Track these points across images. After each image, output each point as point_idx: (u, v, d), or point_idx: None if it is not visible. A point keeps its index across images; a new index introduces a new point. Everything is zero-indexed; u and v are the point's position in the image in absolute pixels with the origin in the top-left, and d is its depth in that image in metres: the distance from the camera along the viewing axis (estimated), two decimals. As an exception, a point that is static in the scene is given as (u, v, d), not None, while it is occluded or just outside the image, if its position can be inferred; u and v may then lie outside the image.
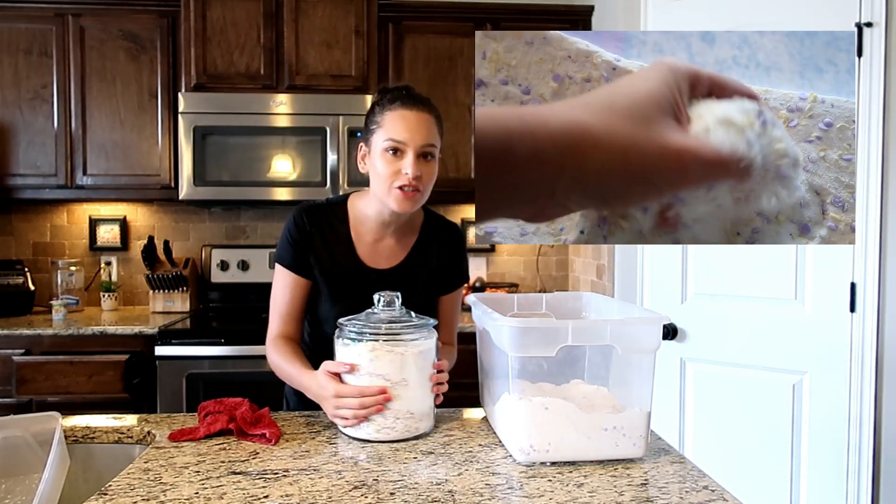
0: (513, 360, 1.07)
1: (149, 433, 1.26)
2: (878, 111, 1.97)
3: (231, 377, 2.57)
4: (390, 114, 1.35)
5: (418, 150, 1.33)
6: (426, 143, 1.34)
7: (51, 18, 2.87)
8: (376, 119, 1.37)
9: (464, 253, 1.57)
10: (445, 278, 1.52)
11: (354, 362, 1.19)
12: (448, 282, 1.53)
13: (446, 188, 2.98)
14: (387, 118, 1.35)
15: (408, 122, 1.33)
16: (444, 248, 1.52)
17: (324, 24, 2.88)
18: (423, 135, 1.33)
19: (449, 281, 1.53)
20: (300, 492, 0.96)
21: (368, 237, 1.46)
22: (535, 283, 3.41)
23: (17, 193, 2.90)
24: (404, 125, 1.33)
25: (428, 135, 1.34)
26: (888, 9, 1.96)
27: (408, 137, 1.32)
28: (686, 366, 2.31)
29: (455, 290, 1.55)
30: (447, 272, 1.52)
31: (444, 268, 1.51)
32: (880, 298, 1.99)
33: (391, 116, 1.34)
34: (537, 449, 1.06)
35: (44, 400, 2.52)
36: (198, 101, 2.80)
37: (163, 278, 3.01)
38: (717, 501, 0.94)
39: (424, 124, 1.34)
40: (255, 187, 2.84)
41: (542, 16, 3.04)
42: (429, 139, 1.34)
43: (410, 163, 1.32)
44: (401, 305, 1.25)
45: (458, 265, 1.55)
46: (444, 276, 1.52)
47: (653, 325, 1.10)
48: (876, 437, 2.01)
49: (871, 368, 2.00)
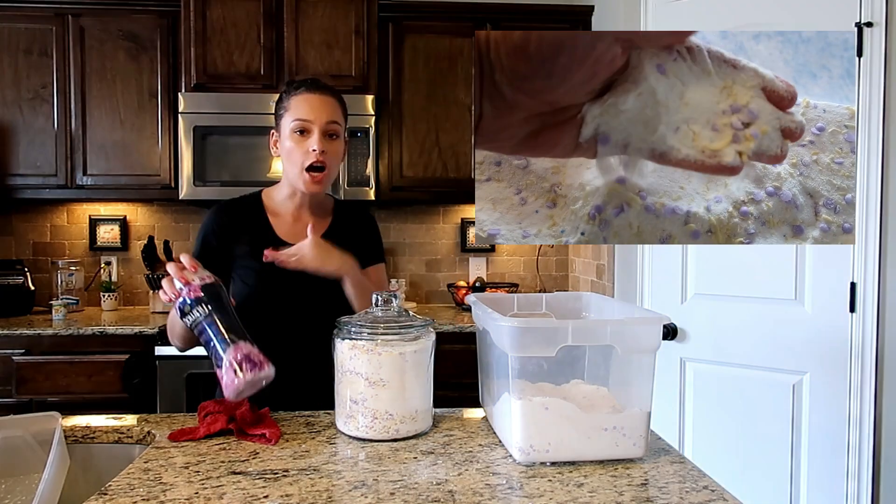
0: (513, 360, 1.07)
1: (149, 433, 1.26)
2: (878, 111, 1.97)
3: (231, 377, 2.56)
4: (296, 98, 1.47)
5: (323, 127, 1.45)
6: (330, 121, 1.46)
7: (51, 18, 2.87)
8: (284, 104, 1.50)
9: (377, 233, 1.68)
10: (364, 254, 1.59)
11: (337, 359, 1.21)
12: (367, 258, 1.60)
13: (446, 188, 3.00)
14: (293, 102, 1.47)
15: (311, 103, 1.45)
16: (359, 226, 1.63)
17: (324, 24, 2.88)
18: (328, 113, 1.46)
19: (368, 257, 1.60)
20: (300, 492, 0.96)
21: (287, 218, 1.56)
22: (535, 283, 3.41)
23: (17, 193, 2.90)
24: (308, 106, 1.45)
25: (332, 113, 1.47)
26: (888, 9, 1.96)
27: (313, 116, 1.44)
28: (686, 366, 2.31)
29: (371, 265, 1.62)
30: (363, 250, 1.59)
31: (359, 246, 1.58)
32: (880, 298, 1.99)
33: (297, 100, 1.47)
34: (537, 449, 1.06)
35: (44, 400, 2.52)
36: (198, 101, 2.80)
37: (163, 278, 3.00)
38: (717, 501, 0.94)
39: (328, 105, 1.47)
40: (254, 187, 2.81)
41: (542, 16, 3.04)
42: (332, 117, 1.46)
43: (316, 139, 1.44)
44: (399, 306, 1.25)
45: (372, 243, 1.65)
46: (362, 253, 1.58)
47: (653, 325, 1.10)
48: (876, 437, 2.01)
49: (870, 368, 2.00)
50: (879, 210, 1.98)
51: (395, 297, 1.25)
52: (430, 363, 1.23)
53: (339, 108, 1.50)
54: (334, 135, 1.47)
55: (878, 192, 1.98)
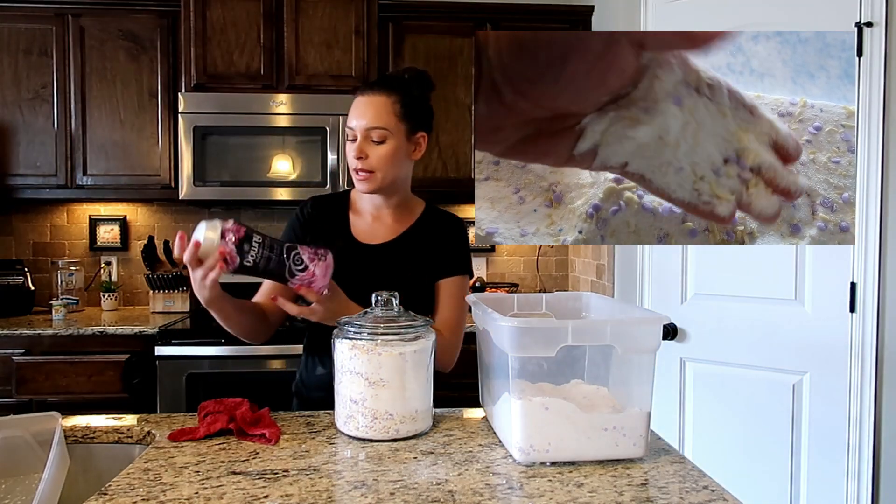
0: (512, 360, 1.07)
1: (149, 433, 1.26)
2: (878, 111, 1.97)
3: (231, 377, 2.57)
4: (353, 103, 1.45)
5: (363, 133, 1.42)
6: (369, 127, 1.41)
7: (51, 18, 2.87)
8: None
9: (464, 242, 1.57)
10: (441, 261, 1.52)
11: (337, 359, 1.21)
12: (444, 266, 1.52)
13: (446, 188, 3.00)
14: (350, 107, 1.45)
15: (356, 109, 1.43)
16: (442, 233, 1.54)
17: (324, 24, 2.88)
18: (369, 118, 1.41)
19: (445, 265, 1.52)
20: (300, 492, 0.96)
21: (367, 217, 1.54)
22: (535, 283, 3.41)
23: (17, 193, 2.90)
24: (353, 113, 1.43)
25: (374, 118, 1.41)
26: (888, 9, 1.96)
27: (354, 124, 1.42)
28: (686, 366, 2.31)
29: (451, 275, 1.52)
30: (443, 256, 1.52)
31: (440, 251, 1.52)
32: (880, 298, 1.99)
33: (351, 106, 1.45)
34: (537, 449, 1.06)
35: (44, 400, 2.52)
36: (198, 101, 2.80)
37: (163, 278, 3.01)
38: (717, 501, 0.94)
39: (372, 107, 1.42)
40: (255, 187, 2.84)
41: (542, 16, 3.04)
42: (373, 122, 1.41)
43: (355, 146, 1.42)
44: (399, 305, 1.25)
45: (456, 251, 1.54)
46: (439, 260, 1.51)
47: (653, 325, 1.10)
48: (876, 437, 2.01)
49: (871, 368, 2.00)
50: (879, 210, 1.98)
51: (395, 297, 1.25)
52: (430, 363, 1.23)
53: (391, 108, 1.42)
54: (378, 140, 1.42)
55: (878, 192, 1.98)
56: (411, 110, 1.45)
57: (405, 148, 1.45)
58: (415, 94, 1.46)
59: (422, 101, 1.48)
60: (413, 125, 1.45)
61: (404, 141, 1.44)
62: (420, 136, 1.48)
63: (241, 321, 1.43)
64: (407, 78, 1.48)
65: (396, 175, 1.46)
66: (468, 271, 1.56)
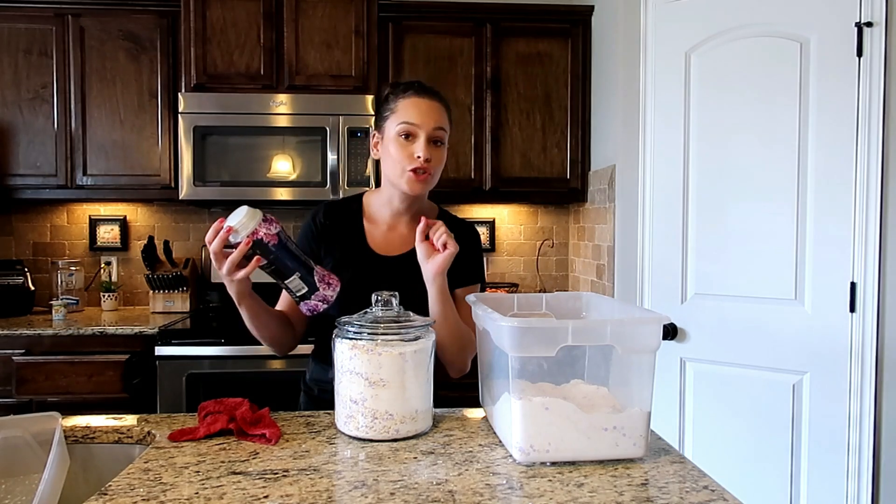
0: (513, 360, 1.07)
1: (149, 433, 1.26)
2: (877, 111, 1.97)
3: (231, 377, 2.57)
4: (404, 101, 1.43)
5: (430, 133, 1.41)
6: (437, 127, 1.42)
7: (51, 18, 2.87)
8: (390, 106, 1.45)
9: (479, 251, 1.58)
10: (457, 271, 1.50)
11: (337, 359, 1.21)
12: (459, 275, 1.51)
13: (446, 188, 3.00)
14: (400, 105, 1.42)
15: (419, 107, 1.41)
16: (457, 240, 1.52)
17: (324, 24, 2.88)
18: (435, 119, 1.41)
19: (460, 274, 1.51)
20: (300, 492, 0.96)
21: (382, 226, 1.53)
22: (535, 283, 3.41)
23: (17, 193, 2.90)
24: (416, 110, 1.41)
25: (439, 119, 1.43)
26: (888, 9, 1.96)
27: (420, 121, 1.40)
28: (686, 366, 2.31)
29: (467, 285, 1.53)
30: (460, 266, 1.50)
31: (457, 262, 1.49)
32: (880, 298, 1.99)
33: (405, 103, 1.42)
34: (537, 449, 1.06)
35: (44, 400, 2.52)
36: (198, 101, 2.80)
37: (163, 278, 3.01)
38: (717, 501, 0.94)
39: (435, 110, 1.43)
40: (255, 187, 2.84)
41: (542, 16, 3.04)
42: (440, 123, 1.42)
43: (422, 145, 1.40)
44: (399, 305, 1.25)
45: (471, 261, 1.55)
46: (456, 270, 1.50)
47: (653, 325, 1.10)
48: (876, 436, 2.01)
49: (870, 368, 2.00)
50: (879, 210, 1.98)
51: (395, 297, 1.25)
52: (430, 363, 1.23)
53: (446, 116, 1.46)
54: (439, 141, 1.44)
55: (878, 192, 1.98)
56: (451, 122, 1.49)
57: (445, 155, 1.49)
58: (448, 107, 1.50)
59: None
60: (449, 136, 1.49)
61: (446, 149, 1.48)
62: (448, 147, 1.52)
63: (269, 324, 1.44)
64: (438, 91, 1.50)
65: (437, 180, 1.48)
66: (482, 279, 1.59)
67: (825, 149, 2.05)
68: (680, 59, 2.29)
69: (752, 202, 2.17)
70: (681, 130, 2.29)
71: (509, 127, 3.03)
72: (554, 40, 3.03)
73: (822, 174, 2.06)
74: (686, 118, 2.28)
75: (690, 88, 2.28)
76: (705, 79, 2.25)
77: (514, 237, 3.41)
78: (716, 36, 2.22)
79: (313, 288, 1.27)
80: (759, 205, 2.16)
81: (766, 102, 2.14)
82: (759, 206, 2.16)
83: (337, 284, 1.30)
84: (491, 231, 3.38)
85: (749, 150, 2.17)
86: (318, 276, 1.28)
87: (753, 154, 2.16)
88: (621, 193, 2.53)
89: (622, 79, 2.52)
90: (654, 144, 2.37)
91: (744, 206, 2.19)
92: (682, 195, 2.30)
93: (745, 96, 2.17)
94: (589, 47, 3.05)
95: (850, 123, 2.01)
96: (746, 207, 2.18)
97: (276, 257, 1.23)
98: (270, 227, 1.22)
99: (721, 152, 2.22)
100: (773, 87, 2.13)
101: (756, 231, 2.16)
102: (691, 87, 2.28)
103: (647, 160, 2.39)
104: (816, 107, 2.06)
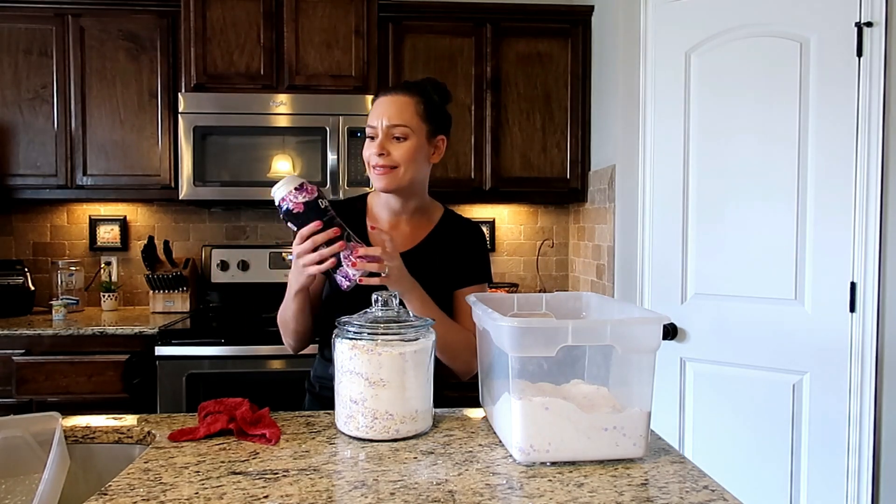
0: (513, 360, 1.07)
1: (149, 433, 1.26)
2: (877, 111, 1.97)
3: (231, 377, 2.57)
4: (374, 104, 1.47)
5: (385, 131, 1.42)
6: (391, 124, 1.42)
7: (51, 18, 2.87)
8: None
9: (484, 250, 1.58)
10: (460, 271, 1.52)
11: (337, 359, 1.21)
12: (463, 275, 1.52)
13: (446, 188, 3.00)
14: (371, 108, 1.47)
15: (378, 108, 1.44)
16: (461, 243, 1.54)
17: (324, 24, 2.88)
18: (389, 116, 1.42)
19: (464, 274, 1.52)
20: (300, 492, 0.96)
21: (384, 225, 1.53)
22: (535, 283, 3.41)
23: (17, 193, 2.90)
24: (375, 112, 1.44)
25: (397, 115, 1.42)
26: (888, 9, 1.96)
27: (376, 122, 1.43)
28: (686, 366, 2.31)
29: (471, 284, 1.53)
30: (463, 265, 1.52)
31: (459, 260, 1.51)
32: (880, 298, 1.99)
33: (373, 107, 1.47)
34: (537, 449, 1.06)
35: (44, 400, 2.52)
36: (198, 101, 2.80)
37: (163, 278, 3.01)
38: (717, 501, 0.94)
39: (394, 106, 1.43)
40: (255, 187, 2.84)
41: (542, 16, 3.04)
42: (394, 120, 1.42)
43: (376, 143, 1.43)
44: (399, 305, 1.25)
45: (476, 260, 1.55)
46: (459, 269, 1.51)
47: (653, 325, 1.10)
48: (876, 436, 2.01)
49: (870, 368, 2.00)
50: (879, 210, 1.98)
51: (394, 297, 1.25)
52: (430, 363, 1.23)
53: (411, 106, 1.44)
54: (400, 137, 1.43)
55: (878, 192, 1.98)
56: (432, 113, 1.47)
57: (425, 149, 1.47)
58: (435, 98, 1.48)
59: (441, 107, 1.50)
60: (434, 128, 1.47)
61: (425, 142, 1.46)
62: (440, 140, 1.50)
63: (308, 319, 1.47)
64: (427, 85, 1.49)
65: (415, 175, 1.46)
66: (488, 278, 1.58)
67: (825, 149, 2.05)
68: (680, 59, 2.29)
69: (752, 202, 2.17)
70: (681, 130, 2.29)
71: (509, 127, 3.03)
72: (554, 40, 3.02)
73: (822, 174, 2.06)
74: (686, 118, 2.29)
75: (690, 88, 2.28)
76: (705, 79, 2.25)
77: (514, 237, 3.41)
78: (716, 36, 2.22)
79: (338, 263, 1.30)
80: (759, 205, 2.16)
81: (765, 102, 2.14)
82: (759, 206, 2.16)
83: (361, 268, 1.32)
84: (491, 231, 3.38)
85: (749, 150, 2.17)
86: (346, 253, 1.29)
87: (753, 154, 2.17)
88: (621, 193, 2.53)
89: (622, 79, 2.52)
90: (653, 144, 2.37)
91: (744, 206, 2.19)
92: (682, 195, 2.30)
93: (744, 96, 2.17)
94: (589, 47, 3.05)
95: (850, 123, 2.01)
96: (746, 207, 2.18)
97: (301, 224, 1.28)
98: (298, 196, 1.27)
99: (721, 152, 2.22)
100: (772, 87, 2.13)
101: (756, 231, 2.17)
102: (691, 87, 2.28)
103: (647, 160, 2.39)
104: (816, 107, 2.06)
